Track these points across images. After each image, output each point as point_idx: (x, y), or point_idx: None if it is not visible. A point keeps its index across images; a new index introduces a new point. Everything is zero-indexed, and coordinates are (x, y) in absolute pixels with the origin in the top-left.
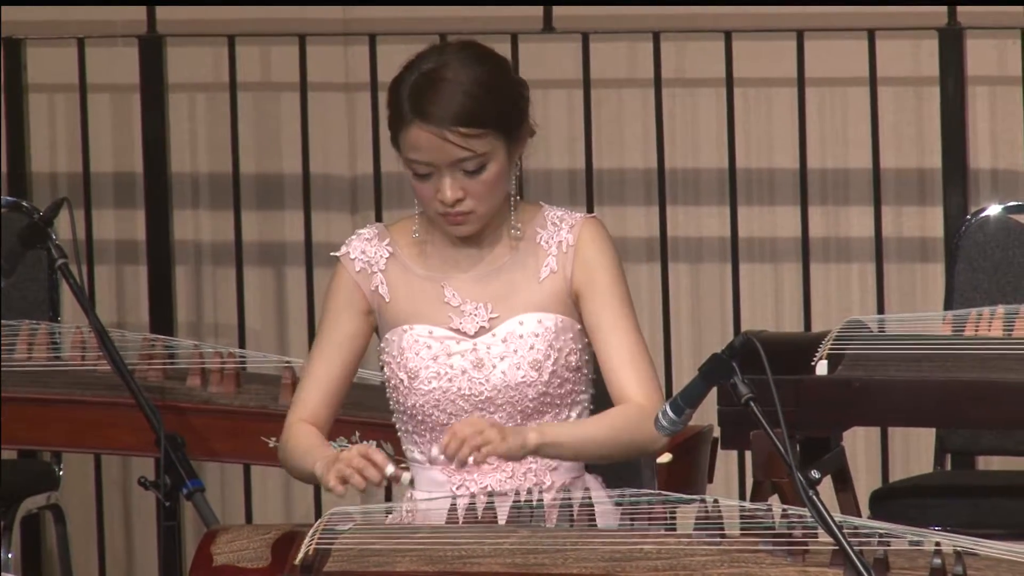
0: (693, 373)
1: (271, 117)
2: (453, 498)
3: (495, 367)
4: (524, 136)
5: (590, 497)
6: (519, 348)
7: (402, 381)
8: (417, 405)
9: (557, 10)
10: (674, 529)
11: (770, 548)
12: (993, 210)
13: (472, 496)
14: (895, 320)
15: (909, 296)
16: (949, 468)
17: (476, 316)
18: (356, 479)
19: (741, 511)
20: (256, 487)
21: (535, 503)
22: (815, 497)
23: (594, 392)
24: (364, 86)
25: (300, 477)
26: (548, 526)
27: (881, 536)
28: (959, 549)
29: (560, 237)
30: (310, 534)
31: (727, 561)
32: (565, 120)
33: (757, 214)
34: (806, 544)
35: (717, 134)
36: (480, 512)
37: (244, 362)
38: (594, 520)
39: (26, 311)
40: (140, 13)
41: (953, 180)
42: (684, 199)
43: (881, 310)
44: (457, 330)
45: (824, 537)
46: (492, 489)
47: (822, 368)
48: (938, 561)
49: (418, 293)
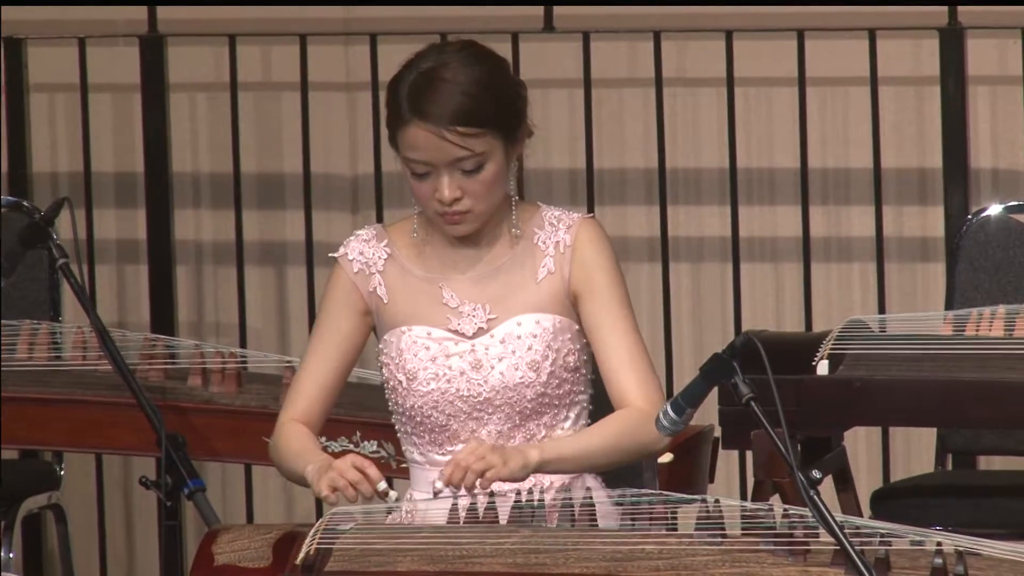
0: (694, 373)
1: (272, 117)
2: (454, 498)
3: (493, 368)
4: (522, 136)
5: (591, 497)
6: (517, 349)
7: (400, 382)
8: (416, 406)
9: (558, 10)
10: (675, 529)
11: (771, 548)
12: (994, 210)
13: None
14: (896, 320)
15: (910, 296)
16: (950, 468)
17: (474, 317)
18: (349, 493)
19: (742, 511)
20: (257, 487)
21: (536, 503)
22: (816, 497)
23: (593, 392)
24: (365, 86)
25: (290, 477)
26: (549, 526)
27: (882, 536)
28: (960, 549)
29: (558, 237)
30: (311, 534)
31: (728, 561)
32: (566, 120)
33: (758, 214)
34: (807, 544)
35: (718, 134)
36: (481, 512)
37: (245, 362)
38: (595, 520)
39: (27, 311)
40: (141, 13)
41: (954, 180)
42: (685, 199)
43: (882, 310)
44: (455, 331)
45: (825, 537)
46: (493, 489)
47: (823, 368)
48: (939, 561)
49: (416, 294)
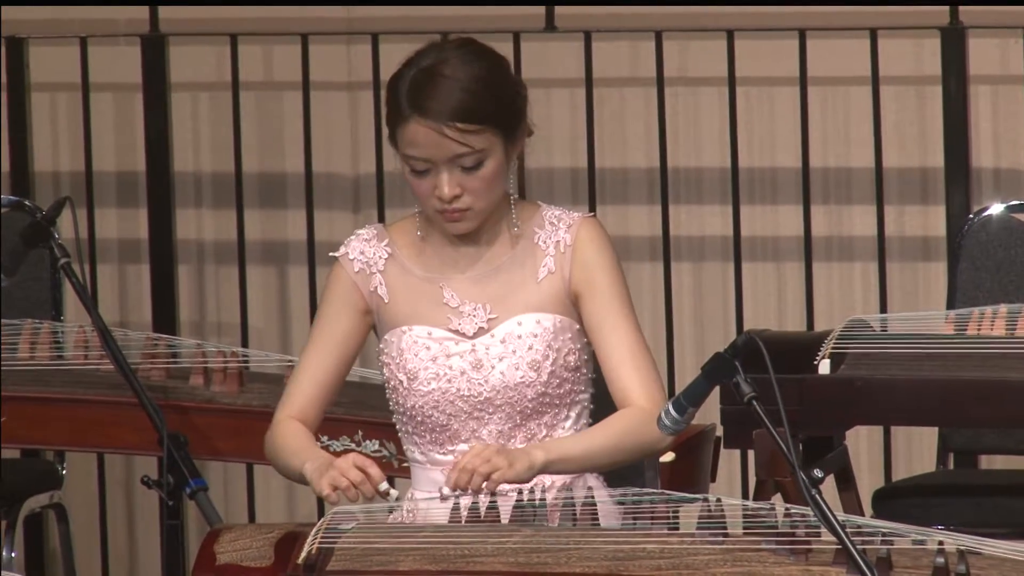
0: (696, 372)
1: (274, 116)
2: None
3: (494, 368)
4: (522, 134)
5: (593, 496)
6: (518, 349)
7: (401, 382)
8: (416, 406)
9: (559, 9)
10: (677, 528)
11: (773, 547)
12: (995, 209)
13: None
14: (898, 319)
15: (912, 295)
16: (952, 467)
17: (475, 317)
18: (351, 493)
19: (744, 510)
20: (259, 486)
21: (538, 502)
22: (818, 496)
23: (593, 392)
24: (367, 85)
25: (287, 474)
26: (551, 525)
27: (884, 535)
28: (962, 548)
29: (558, 237)
30: (313, 533)
31: (730, 560)
32: (567, 119)
33: (759, 213)
34: (809, 543)
35: (719, 133)
36: (483, 511)
37: (247, 361)
38: (597, 519)
39: (29, 310)
40: (143, 12)
41: (955, 179)
42: (686, 198)
43: (884, 309)
44: (456, 331)
45: (827, 536)
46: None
47: (825, 367)
48: (941, 560)
49: (417, 294)
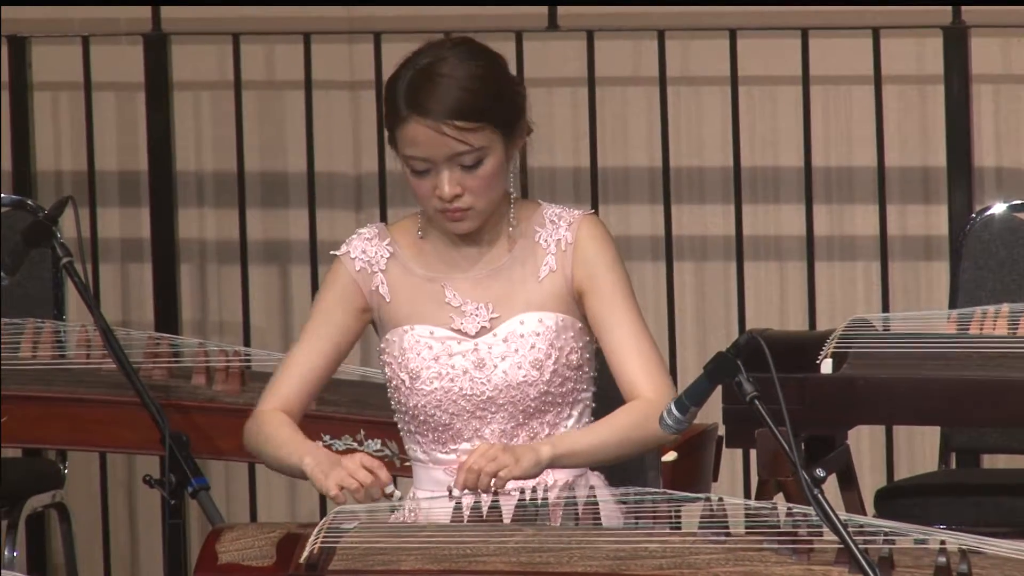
0: (698, 371)
1: (276, 115)
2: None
3: (496, 367)
4: (521, 132)
5: (595, 496)
6: (520, 348)
7: (404, 382)
8: (419, 405)
9: (562, 8)
10: (679, 528)
11: (775, 547)
12: (998, 208)
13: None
14: (900, 318)
15: (914, 294)
16: (954, 466)
17: (477, 316)
18: (359, 495)
19: (746, 509)
20: (261, 485)
21: (540, 501)
22: (820, 495)
23: (596, 390)
24: (369, 84)
25: (273, 464)
26: (553, 525)
27: (886, 534)
28: (964, 547)
29: (559, 235)
30: (315, 533)
31: (732, 560)
32: (570, 118)
33: (762, 212)
34: (811, 543)
35: (721, 132)
36: (485, 511)
37: (249, 360)
38: (599, 519)
39: (31, 309)
40: (145, 11)
41: (957, 178)
42: (689, 197)
43: (886, 308)
44: (458, 330)
45: (829, 535)
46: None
47: (827, 366)
48: (943, 559)
49: (419, 293)
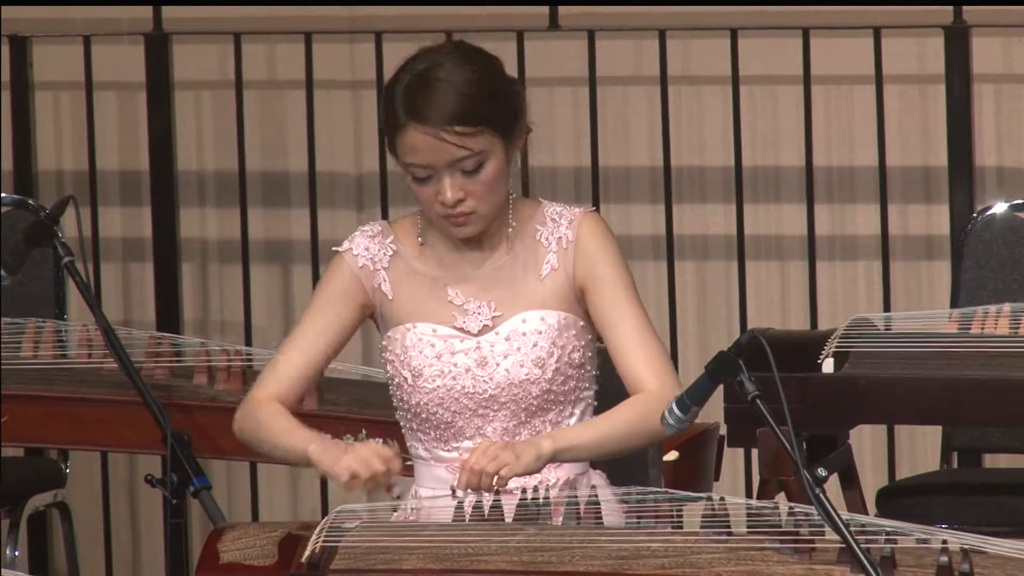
0: (699, 371)
1: (277, 115)
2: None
3: (499, 365)
4: (520, 132)
5: (596, 495)
6: (522, 346)
7: (406, 379)
8: (421, 403)
9: (563, 8)
10: (681, 527)
11: (777, 546)
12: (999, 208)
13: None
14: (901, 318)
15: (915, 294)
16: (956, 466)
17: (479, 315)
18: (369, 485)
19: (748, 509)
20: (262, 485)
21: (541, 501)
22: (822, 495)
23: (598, 388)
24: (370, 84)
25: (266, 451)
26: (555, 524)
27: (888, 534)
28: (966, 547)
29: (560, 233)
30: (316, 532)
31: (734, 559)
32: (571, 118)
33: (763, 212)
34: (813, 542)
35: (723, 132)
36: (486, 510)
37: (250, 360)
38: (600, 518)
39: (32, 309)
40: (146, 11)
41: (959, 178)
42: (690, 197)
43: (887, 308)
44: (460, 329)
45: (831, 535)
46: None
47: (828, 366)
48: (945, 559)
49: (421, 291)
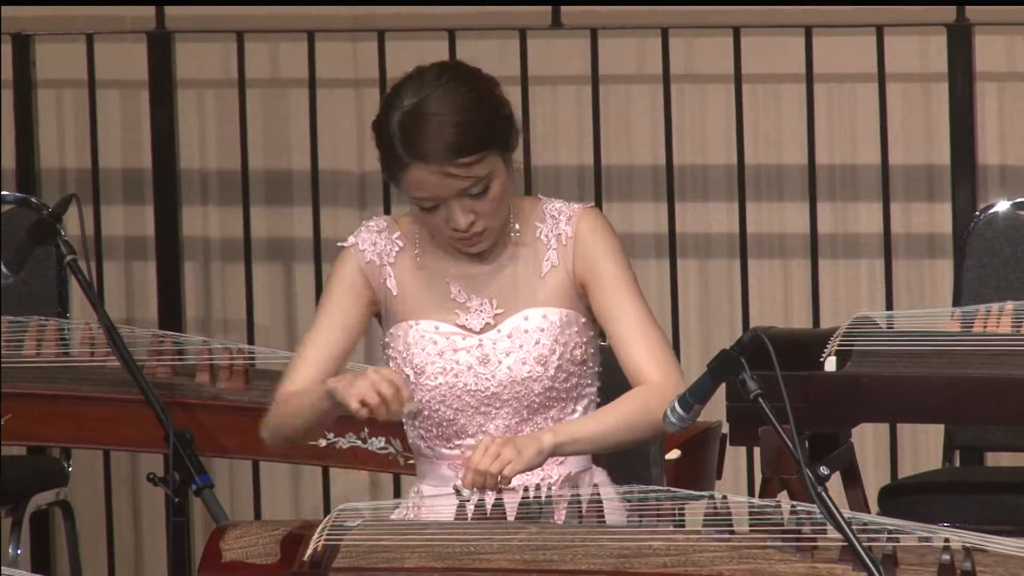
0: (701, 369)
1: (280, 113)
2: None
3: (501, 363)
4: (516, 140)
5: (598, 493)
6: (525, 343)
7: (408, 376)
8: (423, 400)
9: (565, 7)
10: (683, 525)
11: (779, 544)
12: (1002, 206)
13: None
14: (904, 316)
15: (918, 292)
16: (958, 464)
17: (482, 312)
18: (381, 411)
19: (750, 507)
20: (265, 483)
21: (543, 499)
22: (824, 493)
23: (600, 385)
24: (373, 82)
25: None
26: (557, 522)
27: (890, 532)
28: (968, 545)
29: (559, 230)
30: (319, 530)
31: (736, 558)
32: (574, 116)
33: (766, 210)
34: (815, 540)
35: (725, 130)
36: (488, 508)
37: (253, 358)
38: (603, 516)
39: (35, 307)
40: (149, 9)
41: (962, 176)
42: (692, 195)
43: (890, 306)
44: (463, 326)
45: (833, 533)
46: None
47: (831, 364)
48: (947, 557)
49: (425, 288)
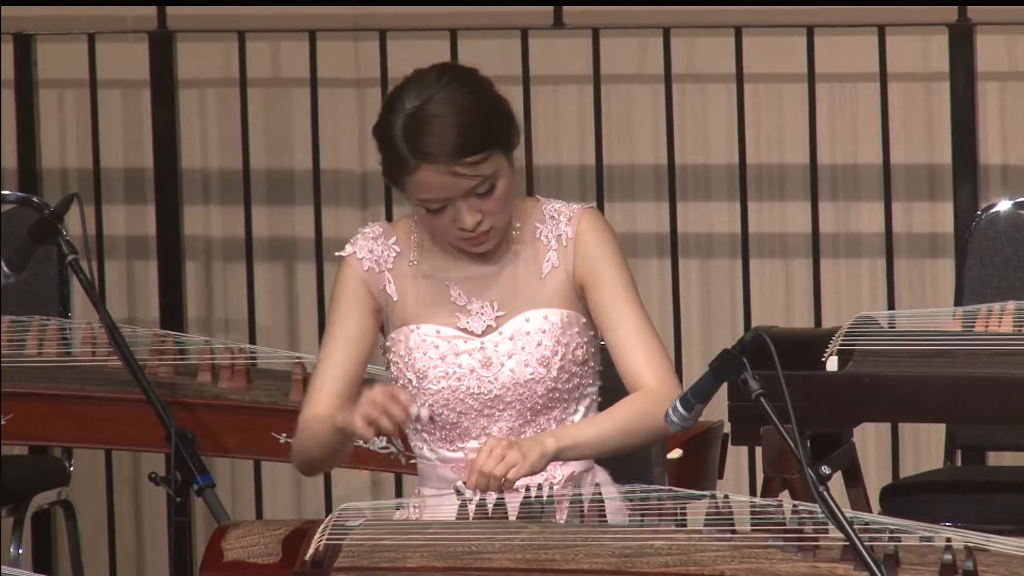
0: (703, 369)
1: (282, 113)
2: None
3: (503, 365)
4: (518, 139)
5: (600, 493)
6: (527, 345)
7: (410, 381)
8: (426, 404)
9: (567, 6)
10: (684, 525)
11: (781, 544)
12: (1003, 205)
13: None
14: (905, 316)
15: (919, 292)
16: (959, 464)
17: (483, 315)
18: (384, 422)
19: (751, 507)
20: (266, 483)
21: (545, 499)
22: (825, 493)
23: (601, 384)
24: (375, 82)
25: (327, 453)
26: (558, 522)
27: (891, 532)
28: (969, 545)
29: (559, 231)
30: (321, 530)
31: (738, 557)
32: (575, 116)
33: (767, 210)
34: (816, 540)
35: (727, 130)
36: (490, 508)
37: (254, 358)
38: (604, 516)
39: (36, 307)
40: (150, 9)
41: (963, 176)
42: (694, 195)
43: (891, 306)
44: (464, 329)
45: (834, 533)
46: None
47: (832, 364)
48: (948, 557)
49: (425, 292)
